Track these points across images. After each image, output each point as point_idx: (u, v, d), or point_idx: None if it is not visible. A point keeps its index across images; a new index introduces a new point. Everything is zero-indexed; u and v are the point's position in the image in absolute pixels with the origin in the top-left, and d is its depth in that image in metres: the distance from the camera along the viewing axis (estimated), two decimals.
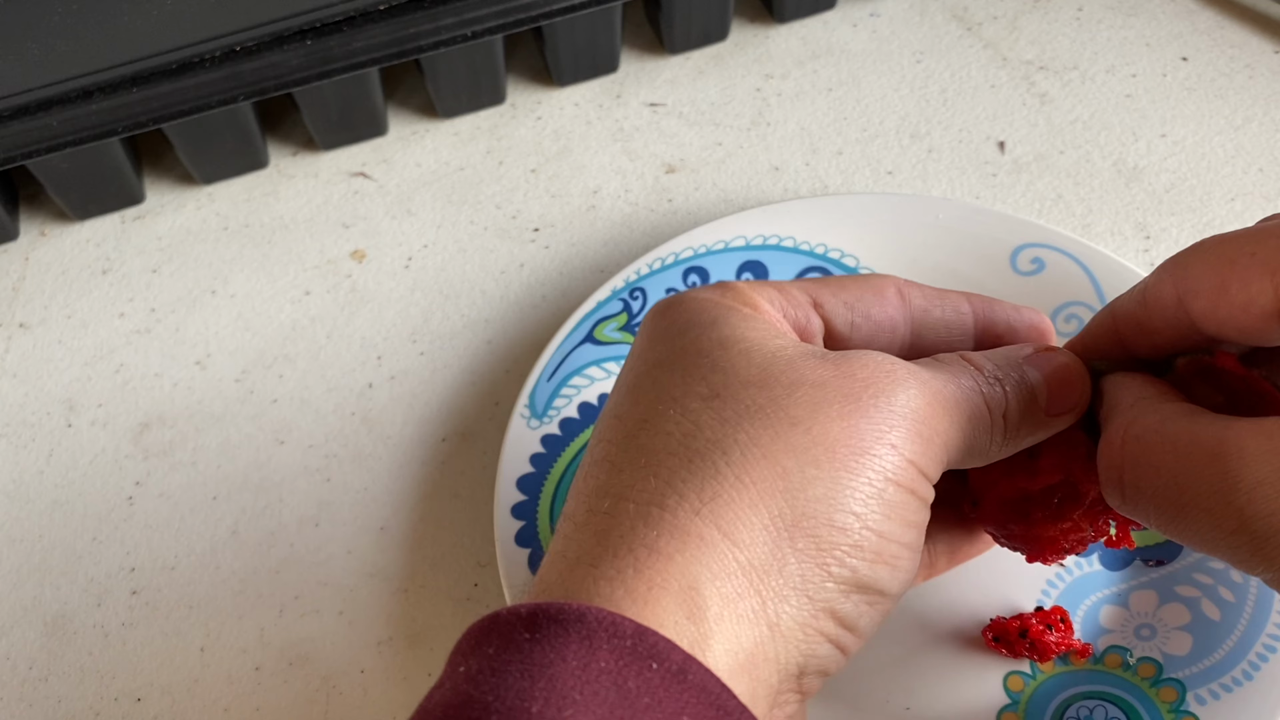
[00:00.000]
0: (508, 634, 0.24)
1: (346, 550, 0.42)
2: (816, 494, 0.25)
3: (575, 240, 0.49)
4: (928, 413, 0.27)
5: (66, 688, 0.40)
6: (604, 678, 0.22)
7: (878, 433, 0.26)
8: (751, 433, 0.26)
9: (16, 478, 0.45)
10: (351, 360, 0.46)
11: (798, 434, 0.26)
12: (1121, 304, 0.31)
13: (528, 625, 0.24)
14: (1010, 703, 0.36)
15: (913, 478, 0.27)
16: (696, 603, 0.24)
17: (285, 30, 0.45)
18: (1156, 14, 0.54)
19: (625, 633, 0.23)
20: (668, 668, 0.23)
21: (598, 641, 0.23)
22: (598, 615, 0.23)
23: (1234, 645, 0.36)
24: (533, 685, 0.22)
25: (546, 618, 0.23)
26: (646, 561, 0.25)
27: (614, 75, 0.54)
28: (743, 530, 0.25)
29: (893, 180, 0.49)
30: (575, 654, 0.23)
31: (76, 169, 0.48)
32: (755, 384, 0.27)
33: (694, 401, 0.27)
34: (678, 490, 0.26)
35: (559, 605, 0.24)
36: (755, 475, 0.25)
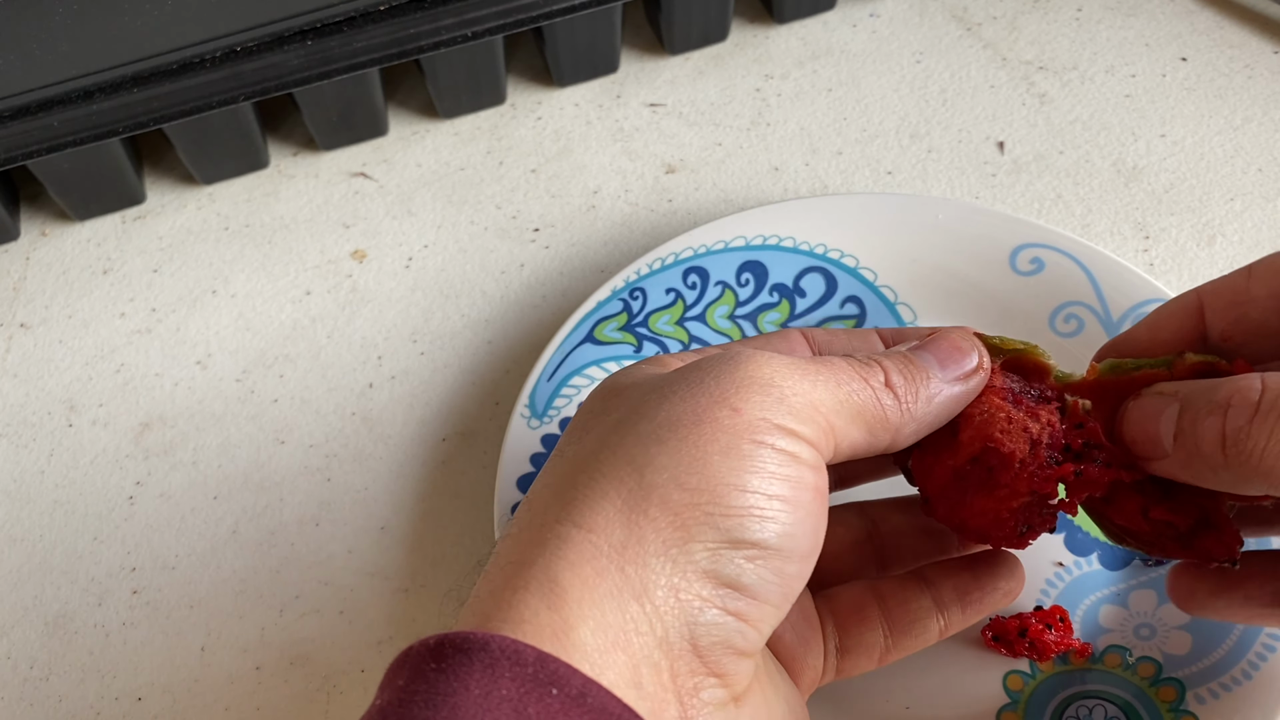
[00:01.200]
0: (417, 665, 0.24)
1: (347, 550, 0.42)
2: (662, 465, 0.26)
3: (575, 240, 0.49)
4: (779, 377, 0.28)
5: (67, 687, 0.40)
6: (505, 705, 0.23)
7: (720, 400, 0.27)
8: (609, 441, 0.27)
9: (17, 477, 0.45)
10: (352, 360, 0.46)
11: (644, 424, 0.27)
12: (1213, 283, 0.31)
13: (434, 656, 0.24)
14: (1010, 702, 0.36)
15: (765, 431, 0.27)
16: (556, 593, 0.25)
17: (286, 30, 0.45)
18: (1156, 14, 0.54)
19: (526, 660, 0.24)
20: (567, 692, 0.23)
21: (500, 670, 0.24)
22: (500, 644, 0.24)
23: (1233, 645, 0.36)
24: (435, 715, 0.23)
25: (452, 648, 0.24)
26: (515, 573, 0.26)
27: (614, 75, 0.54)
28: (596, 517, 0.26)
29: (893, 180, 0.50)
30: (478, 683, 0.23)
31: (77, 169, 0.48)
32: (617, 408, 0.29)
33: (570, 447, 0.29)
34: (543, 512, 0.27)
35: (464, 635, 0.24)
36: (606, 470, 0.27)
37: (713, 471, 0.26)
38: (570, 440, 0.29)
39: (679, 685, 0.26)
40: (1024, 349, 0.32)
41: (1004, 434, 0.30)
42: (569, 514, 0.26)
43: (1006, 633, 0.36)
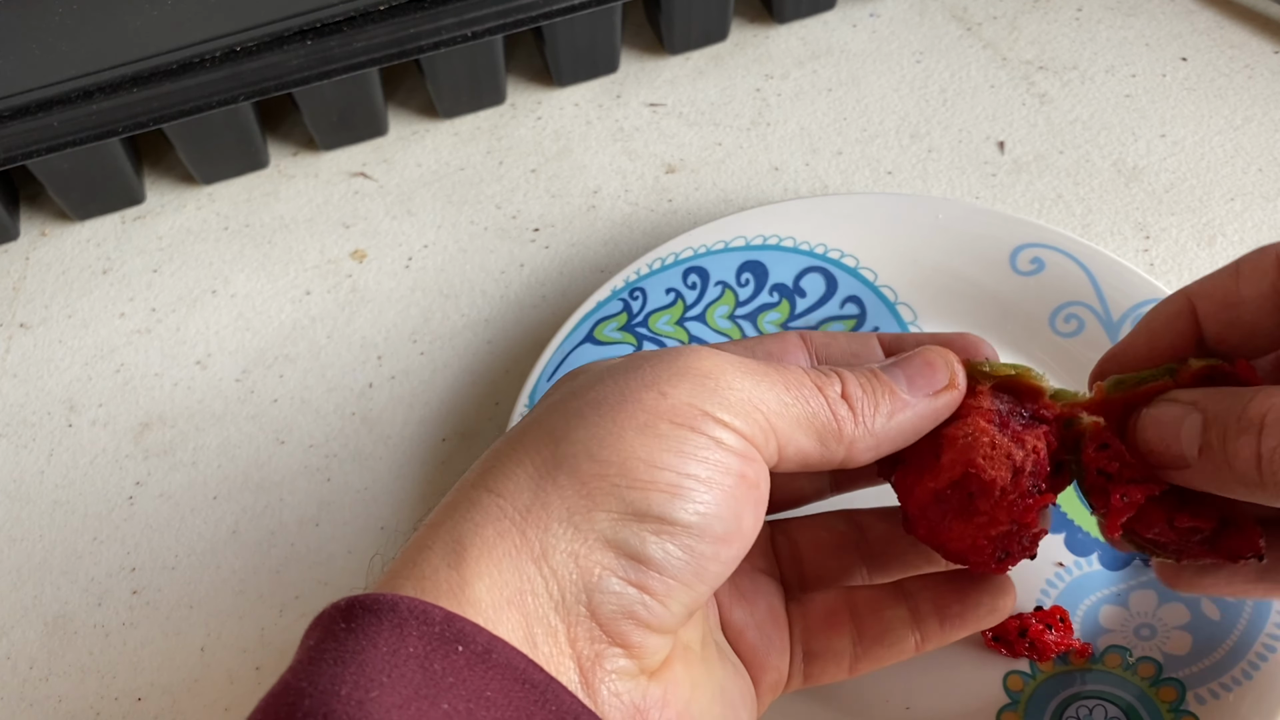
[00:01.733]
0: (328, 626, 0.25)
1: (347, 550, 0.42)
2: (578, 438, 0.27)
3: (575, 240, 0.49)
4: (719, 371, 0.28)
5: (67, 687, 0.40)
6: (411, 661, 0.24)
7: (648, 384, 0.28)
8: (539, 417, 0.28)
9: (17, 478, 0.45)
10: (352, 360, 0.46)
11: (573, 402, 0.28)
12: (1202, 283, 0.31)
13: (345, 616, 0.25)
14: (1010, 702, 0.36)
15: (690, 415, 0.27)
16: (458, 552, 0.26)
17: (285, 30, 0.45)
18: (1156, 14, 0.54)
19: (434, 619, 0.24)
20: (473, 649, 0.24)
21: (408, 629, 0.24)
22: (409, 604, 0.25)
23: (1233, 645, 0.36)
24: (344, 670, 0.24)
25: (362, 608, 0.25)
26: (423, 535, 0.27)
27: (614, 75, 0.54)
28: (508, 483, 0.27)
29: (893, 180, 0.50)
30: (386, 641, 0.24)
31: (77, 169, 0.48)
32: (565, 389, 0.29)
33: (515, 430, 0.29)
34: (463, 480, 0.28)
35: (374, 596, 0.25)
36: (527, 441, 0.28)
37: (625, 446, 0.27)
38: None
39: (578, 650, 0.26)
40: (1015, 373, 0.31)
41: (986, 460, 0.30)
42: (484, 480, 0.27)
43: (1007, 633, 0.36)
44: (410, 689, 0.23)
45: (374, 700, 0.23)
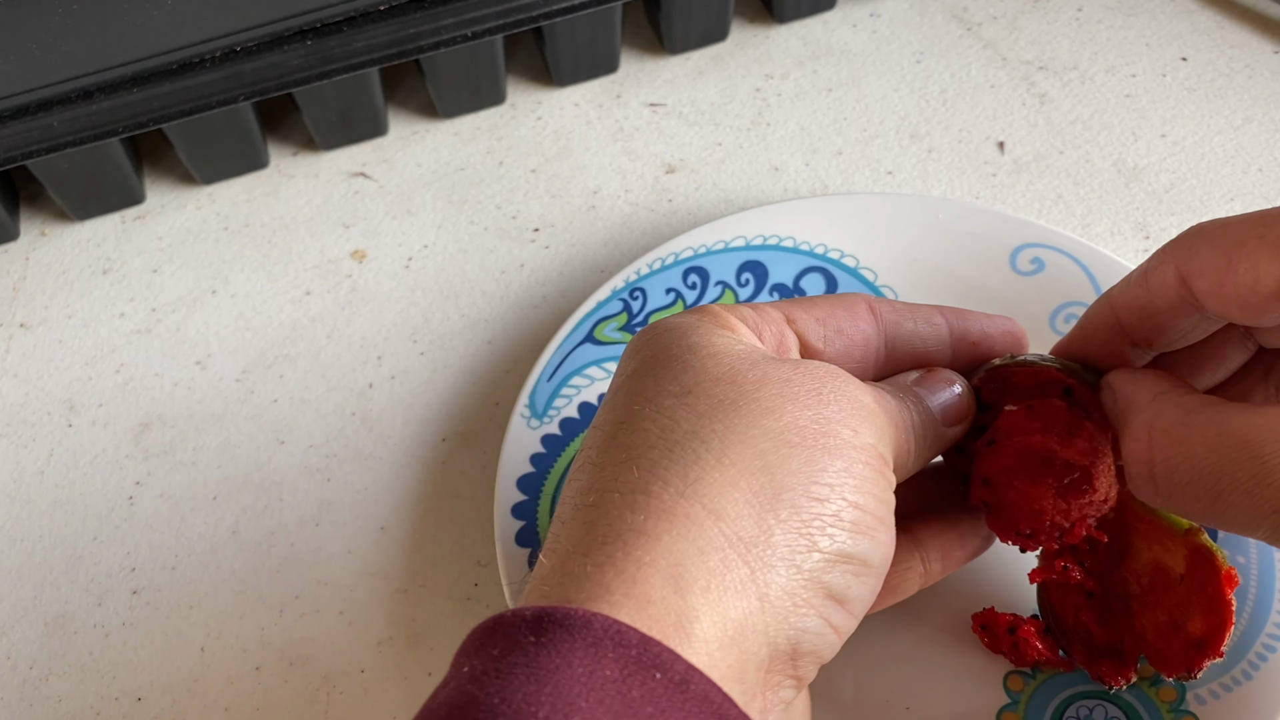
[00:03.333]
0: (513, 636, 0.24)
1: (346, 550, 0.42)
2: (793, 468, 0.27)
3: (575, 240, 0.49)
4: (876, 409, 0.29)
5: (67, 687, 0.40)
6: (609, 686, 0.23)
7: (841, 419, 0.28)
8: (727, 422, 0.27)
9: (17, 478, 0.45)
10: (352, 360, 0.46)
11: (770, 420, 0.27)
12: (1120, 290, 0.32)
13: (533, 629, 0.24)
14: (1010, 703, 0.36)
15: (876, 458, 0.28)
16: (683, 577, 0.25)
17: (285, 30, 0.45)
18: (1156, 14, 0.54)
19: (630, 642, 0.23)
20: (670, 678, 0.23)
21: (603, 649, 0.23)
22: (604, 623, 0.24)
23: (1234, 645, 0.36)
24: (539, 690, 0.23)
25: (552, 622, 0.24)
26: (635, 544, 0.25)
27: (614, 75, 0.54)
28: (727, 505, 0.26)
29: (893, 180, 0.50)
30: (581, 661, 0.23)
31: (77, 169, 0.48)
32: (725, 380, 0.28)
33: (668, 399, 0.28)
34: (661, 477, 0.26)
35: (565, 610, 0.24)
36: (734, 457, 0.26)
37: (838, 486, 0.27)
38: (662, 392, 0.28)
39: (767, 682, 0.26)
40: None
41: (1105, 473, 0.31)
42: (695, 493, 0.26)
43: (995, 625, 0.36)
44: (609, 715, 0.22)
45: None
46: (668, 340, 0.30)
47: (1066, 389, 0.32)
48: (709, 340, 0.29)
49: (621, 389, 0.29)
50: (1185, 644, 0.32)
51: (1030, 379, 0.32)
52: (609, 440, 0.28)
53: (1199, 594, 0.31)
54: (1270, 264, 0.27)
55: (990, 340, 0.34)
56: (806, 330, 0.32)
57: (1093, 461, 0.31)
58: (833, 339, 0.32)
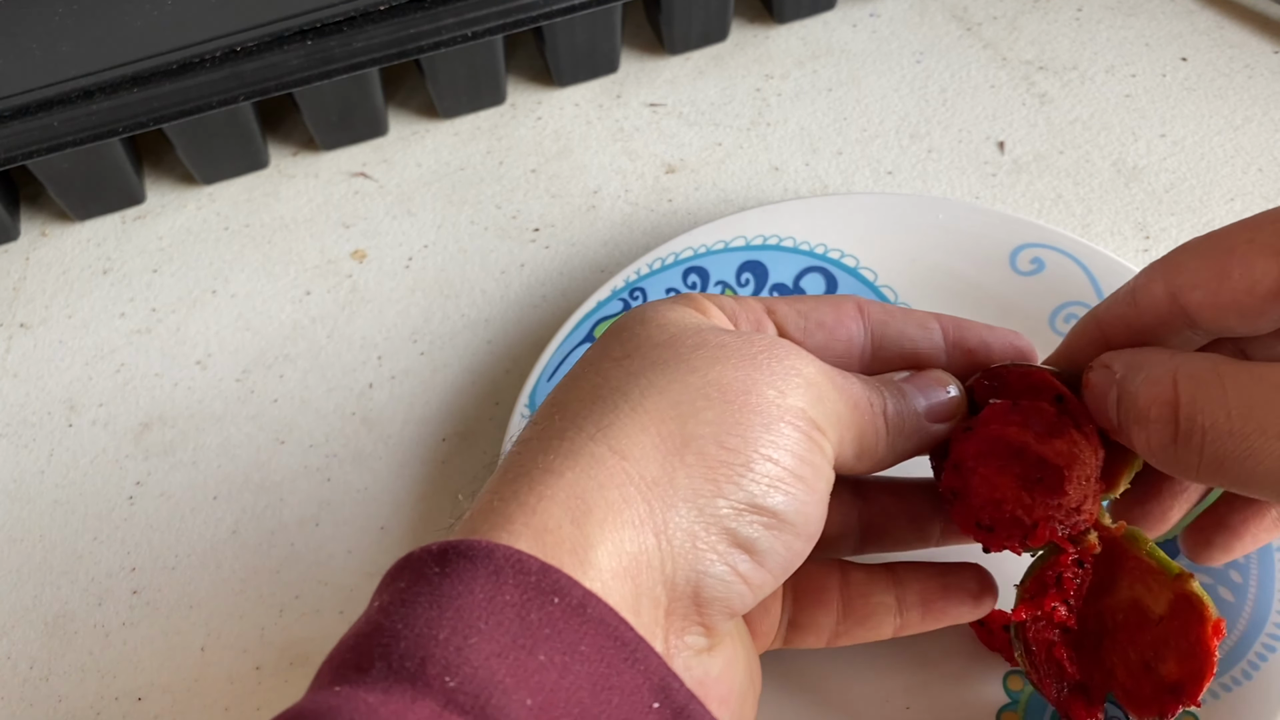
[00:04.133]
0: (419, 569, 0.25)
1: (346, 550, 0.42)
2: (706, 419, 0.27)
3: (575, 240, 0.49)
4: (819, 380, 0.29)
5: (67, 687, 0.40)
6: (508, 610, 0.24)
7: (769, 381, 0.28)
8: (651, 378, 0.28)
9: (17, 478, 0.45)
10: (352, 360, 0.46)
11: (694, 378, 0.28)
12: (1107, 308, 0.32)
13: (438, 560, 0.25)
14: (1010, 702, 0.36)
15: (804, 420, 0.28)
16: (582, 510, 0.26)
17: (285, 30, 0.45)
18: (1156, 14, 0.54)
19: (530, 569, 0.24)
20: (568, 602, 0.24)
21: (504, 577, 0.24)
22: (505, 552, 0.24)
23: (1234, 645, 0.36)
24: (440, 615, 0.24)
25: (456, 554, 0.25)
26: (540, 480, 0.26)
27: (614, 75, 0.54)
28: (633, 448, 0.27)
29: (893, 180, 0.50)
30: (482, 588, 0.24)
31: (77, 169, 0.48)
32: (664, 345, 0.29)
33: (606, 362, 0.29)
34: (576, 424, 0.28)
35: (469, 542, 0.25)
36: (649, 406, 0.27)
37: (753, 439, 0.27)
38: (604, 356, 0.30)
39: (669, 624, 0.27)
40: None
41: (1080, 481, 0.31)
42: (605, 436, 0.27)
43: (991, 621, 0.36)
44: (508, 637, 0.23)
45: (472, 646, 0.23)
46: (630, 317, 0.31)
47: (1059, 396, 0.32)
48: (666, 315, 0.30)
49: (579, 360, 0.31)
50: (1157, 686, 0.31)
51: (1023, 380, 0.32)
52: (548, 399, 0.30)
53: (1179, 638, 0.31)
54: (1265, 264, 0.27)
55: (989, 350, 0.33)
56: (786, 320, 0.32)
57: (1068, 465, 0.31)
58: (813, 331, 0.32)
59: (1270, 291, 0.27)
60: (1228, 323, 0.28)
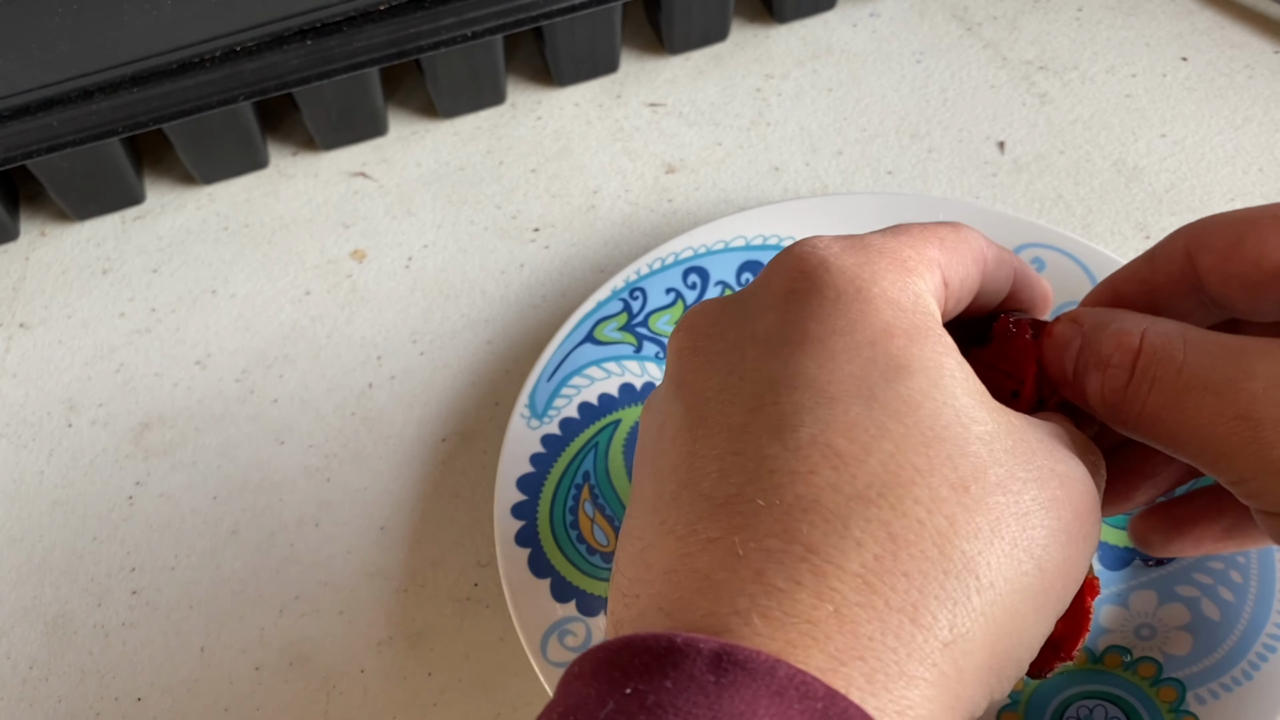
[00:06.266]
0: (688, 670, 0.22)
1: (346, 550, 0.42)
2: (1032, 639, 0.25)
3: (575, 240, 0.49)
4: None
5: (67, 687, 0.40)
6: None
7: (1081, 576, 0.26)
8: (1001, 559, 0.24)
9: (17, 478, 0.45)
10: (351, 360, 0.46)
11: (1035, 576, 0.24)
12: (1125, 268, 0.32)
13: (712, 666, 0.21)
14: (1010, 703, 0.36)
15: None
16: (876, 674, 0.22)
17: (285, 30, 0.45)
18: (1156, 14, 0.54)
19: (816, 695, 0.21)
20: None
21: (789, 700, 0.21)
22: (789, 672, 0.21)
23: (1234, 645, 0.36)
24: None
25: (733, 662, 0.21)
26: (888, 685, 0.22)
27: (614, 75, 0.54)
28: (971, 679, 0.23)
29: (893, 180, 0.49)
30: (767, 710, 0.21)
31: (77, 169, 0.48)
32: (1004, 489, 0.24)
33: (944, 488, 0.24)
34: (931, 610, 0.23)
35: (748, 651, 0.21)
36: (996, 616, 0.23)
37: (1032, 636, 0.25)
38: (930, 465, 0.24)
39: None
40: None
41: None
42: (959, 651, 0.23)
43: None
44: None
45: None
46: (920, 383, 0.25)
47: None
48: (972, 401, 0.25)
49: (858, 411, 0.24)
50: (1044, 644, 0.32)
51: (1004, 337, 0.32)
52: (858, 496, 0.23)
53: None
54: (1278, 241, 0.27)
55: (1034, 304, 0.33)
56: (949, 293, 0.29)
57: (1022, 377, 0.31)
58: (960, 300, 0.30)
59: (1275, 268, 0.27)
60: (1231, 293, 0.29)
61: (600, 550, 0.39)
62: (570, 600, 0.38)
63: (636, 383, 0.43)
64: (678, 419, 0.27)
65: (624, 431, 0.42)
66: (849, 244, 0.27)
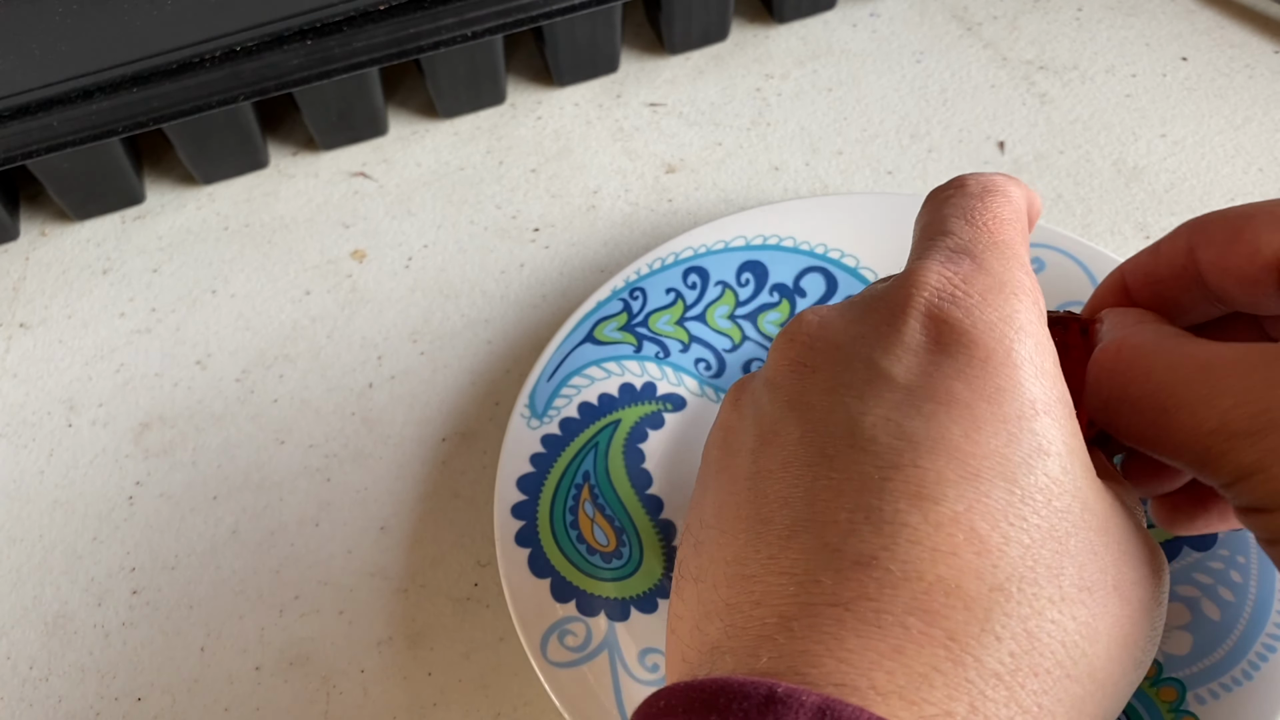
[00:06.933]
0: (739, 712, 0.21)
1: (346, 550, 0.42)
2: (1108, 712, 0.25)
3: (575, 240, 0.49)
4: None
5: (67, 687, 0.40)
6: None
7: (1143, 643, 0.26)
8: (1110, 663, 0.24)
9: (17, 478, 0.45)
10: (351, 360, 0.46)
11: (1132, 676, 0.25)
12: (1133, 259, 0.32)
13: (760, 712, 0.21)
14: None
15: None
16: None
17: (285, 30, 0.45)
18: (1156, 14, 0.54)
19: None
20: None
21: None
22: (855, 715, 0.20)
23: (1234, 645, 0.36)
24: None
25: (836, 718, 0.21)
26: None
27: (614, 75, 0.54)
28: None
29: (893, 180, 0.49)
30: None
31: (77, 169, 0.48)
32: (1119, 594, 0.24)
33: (1072, 589, 0.23)
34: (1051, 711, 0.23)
35: (853, 709, 0.21)
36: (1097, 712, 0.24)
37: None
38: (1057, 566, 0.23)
39: None
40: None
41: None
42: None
43: None
44: None
45: None
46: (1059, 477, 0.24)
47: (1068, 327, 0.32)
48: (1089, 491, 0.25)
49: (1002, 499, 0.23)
50: None
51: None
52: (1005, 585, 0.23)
53: None
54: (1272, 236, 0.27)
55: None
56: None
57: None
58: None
59: (1269, 263, 0.27)
60: (1228, 287, 0.29)
61: (600, 550, 0.39)
62: (570, 600, 0.38)
63: (636, 383, 0.43)
64: (793, 445, 0.25)
65: (624, 431, 0.42)
66: (987, 290, 0.26)
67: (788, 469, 0.25)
